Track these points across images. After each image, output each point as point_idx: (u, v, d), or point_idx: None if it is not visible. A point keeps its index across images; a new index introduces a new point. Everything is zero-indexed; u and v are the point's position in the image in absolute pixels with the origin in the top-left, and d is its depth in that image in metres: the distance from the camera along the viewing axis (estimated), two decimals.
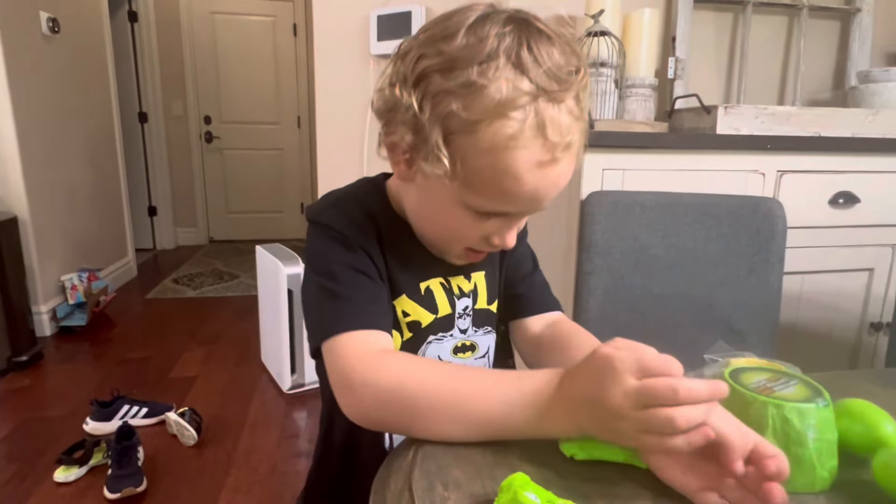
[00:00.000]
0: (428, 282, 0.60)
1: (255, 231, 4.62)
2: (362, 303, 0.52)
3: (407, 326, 0.59)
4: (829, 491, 0.40)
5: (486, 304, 0.64)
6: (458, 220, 0.51)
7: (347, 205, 0.59)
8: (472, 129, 0.45)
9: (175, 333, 2.61)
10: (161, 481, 1.52)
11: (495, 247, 0.54)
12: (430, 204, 0.54)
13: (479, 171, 0.47)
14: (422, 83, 0.47)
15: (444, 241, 0.56)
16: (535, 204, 0.50)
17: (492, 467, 0.41)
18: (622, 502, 0.38)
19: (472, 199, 0.49)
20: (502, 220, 0.52)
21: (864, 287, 1.51)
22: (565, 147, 0.46)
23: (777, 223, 1.20)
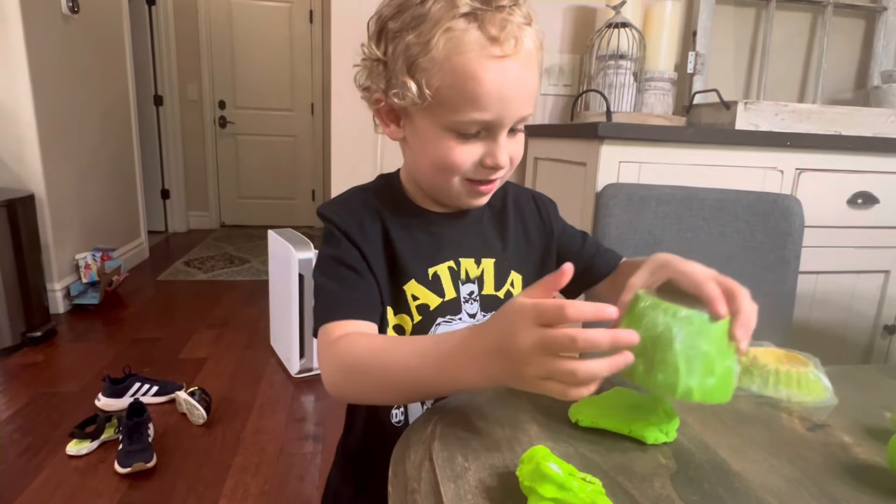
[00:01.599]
0: (436, 267, 0.62)
1: (266, 217, 4.64)
2: (341, 295, 0.57)
3: (416, 309, 0.61)
4: (846, 476, 0.40)
5: (493, 291, 0.65)
6: (448, 149, 0.55)
7: (353, 198, 0.64)
8: (427, 49, 0.51)
9: (185, 315, 2.64)
10: (170, 458, 1.54)
11: (490, 169, 0.56)
12: (423, 149, 0.57)
13: (443, 85, 0.51)
14: (382, 34, 0.55)
15: (445, 180, 0.58)
16: (505, 105, 0.52)
17: (511, 441, 0.41)
18: (640, 478, 0.38)
19: (448, 117, 0.53)
20: (486, 139, 0.55)
21: (880, 289, 1.49)
22: (514, 42, 0.50)
23: (794, 220, 1.19)
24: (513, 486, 0.35)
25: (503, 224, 0.68)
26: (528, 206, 0.72)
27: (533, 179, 1.73)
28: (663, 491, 0.36)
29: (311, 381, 2.03)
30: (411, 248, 0.62)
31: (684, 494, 0.36)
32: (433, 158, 0.56)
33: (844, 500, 0.37)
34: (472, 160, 0.55)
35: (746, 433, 0.45)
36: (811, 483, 0.39)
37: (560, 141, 1.52)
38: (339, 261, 0.58)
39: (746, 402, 0.51)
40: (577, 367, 0.37)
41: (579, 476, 0.34)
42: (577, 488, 0.32)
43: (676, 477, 0.38)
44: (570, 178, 1.45)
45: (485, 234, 0.67)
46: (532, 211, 0.71)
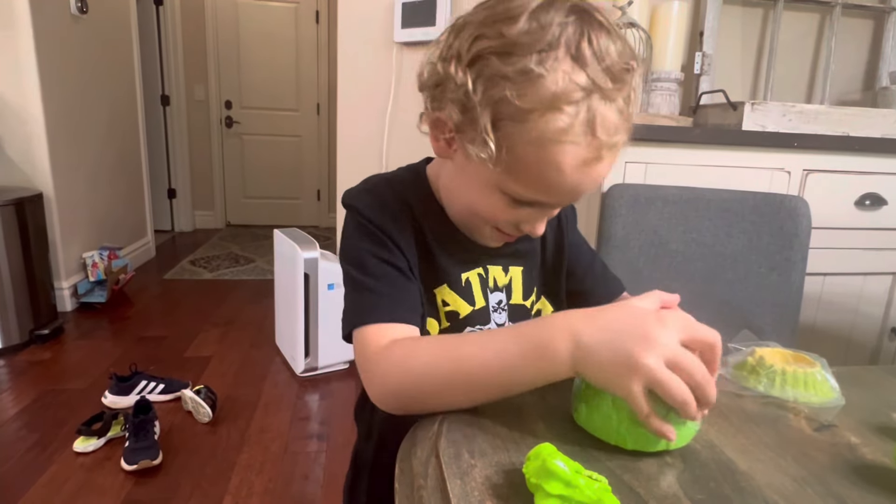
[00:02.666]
0: (468, 273, 0.60)
1: (271, 217, 4.66)
2: (387, 296, 0.53)
3: (445, 316, 0.59)
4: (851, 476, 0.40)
5: (521, 300, 0.63)
6: (493, 203, 0.51)
7: (382, 190, 0.59)
8: (524, 118, 0.44)
9: (191, 314, 2.65)
10: (176, 455, 1.55)
11: (523, 233, 0.54)
12: (466, 184, 0.54)
13: (523, 161, 0.46)
14: (477, 63, 0.46)
15: (475, 221, 0.56)
16: (572, 197, 0.50)
17: (517, 439, 0.41)
18: (647, 477, 0.38)
19: (511, 187, 0.49)
20: (536, 209, 0.52)
21: (887, 291, 1.49)
22: (612, 146, 0.46)
23: (801, 221, 1.18)
24: (519, 484, 0.35)
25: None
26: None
27: None
28: (670, 490, 0.36)
29: (315, 380, 2.04)
30: (446, 251, 0.58)
31: (691, 493, 0.36)
32: (473, 203, 0.53)
33: (851, 499, 0.37)
34: (511, 220, 0.53)
35: (753, 433, 0.45)
36: (817, 482, 0.39)
37: None
38: (380, 258, 0.54)
39: (753, 402, 0.51)
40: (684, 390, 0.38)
41: (585, 474, 0.34)
42: (584, 485, 0.32)
43: (682, 475, 0.38)
44: None
45: (516, 241, 0.63)
46: (552, 219, 0.69)
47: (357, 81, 1.97)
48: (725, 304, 1.21)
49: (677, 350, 0.39)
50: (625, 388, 0.39)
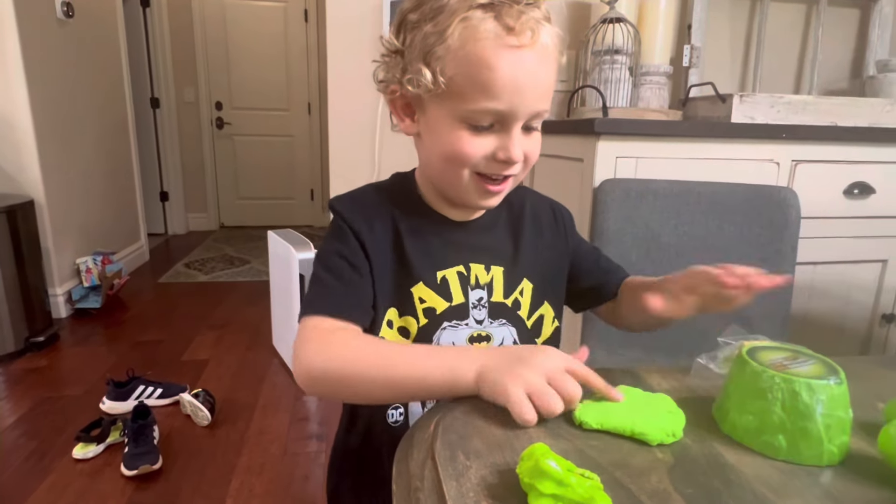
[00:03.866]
0: (445, 271, 0.62)
1: (265, 217, 4.65)
2: (337, 291, 0.57)
3: (423, 312, 0.61)
4: (837, 465, 0.41)
5: (501, 298, 0.64)
6: (459, 140, 0.55)
7: (366, 195, 0.64)
8: (443, 38, 0.52)
9: (187, 317, 2.65)
10: (176, 459, 1.55)
11: (503, 163, 0.56)
12: (435, 140, 0.57)
13: (457, 73, 0.52)
14: (402, 26, 0.56)
15: (455, 174, 0.57)
16: (519, 96, 0.52)
17: (511, 439, 0.42)
18: (638, 473, 0.39)
19: (463, 107, 0.53)
20: (500, 132, 0.55)
21: (877, 278, 1.50)
22: (530, 34, 0.51)
23: (791, 212, 1.20)
24: (514, 484, 0.36)
25: (518, 231, 0.68)
26: (545, 215, 0.71)
27: (532, 175, 1.74)
28: (660, 485, 0.37)
29: None
30: (421, 250, 0.61)
31: (680, 487, 0.37)
32: (444, 149, 0.56)
33: (836, 489, 0.38)
34: (483, 153, 0.55)
35: None
36: (804, 474, 0.40)
37: (557, 137, 1.52)
38: (342, 256, 0.58)
39: None
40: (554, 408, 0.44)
41: (578, 472, 0.35)
42: (576, 484, 0.33)
43: (673, 470, 0.39)
44: (568, 174, 1.46)
45: (498, 240, 0.66)
46: (549, 221, 0.71)
47: (347, 80, 1.97)
48: None
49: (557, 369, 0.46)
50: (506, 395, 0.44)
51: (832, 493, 0.37)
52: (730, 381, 0.46)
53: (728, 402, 0.45)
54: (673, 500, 0.35)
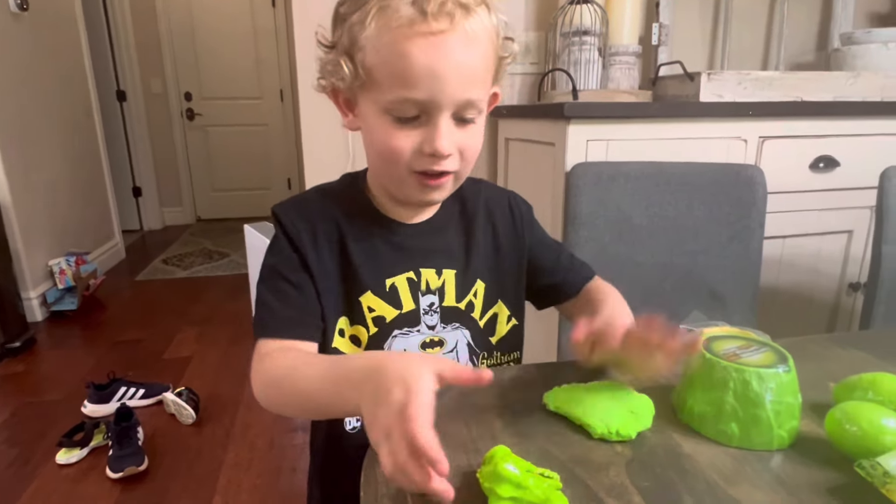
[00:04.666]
0: (394, 278, 0.61)
1: (242, 209, 4.59)
2: (279, 312, 0.56)
3: (372, 321, 0.60)
4: (787, 449, 0.43)
5: (454, 302, 0.63)
6: (386, 134, 0.53)
7: (311, 200, 0.62)
8: (363, 28, 0.51)
9: (167, 314, 2.62)
10: (162, 460, 1.55)
11: (429, 155, 0.53)
12: (368, 136, 0.56)
13: (375, 62, 0.51)
14: (335, 20, 0.55)
15: (392, 171, 0.56)
16: (438, 85, 0.50)
17: (475, 440, 0.43)
18: (596, 468, 0.40)
19: (383, 97, 0.52)
20: (426, 124, 0.52)
21: (843, 249, 1.54)
22: (449, 20, 0.49)
23: (757, 190, 1.22)
24: (476, 487, 0.37)
25: (471, 230, 0.65)
26: (500, 210, 0.68)
27: (505, 161, 1.74)
28: (617, 479, 0.38)
29: None
30: (369, 258, 0.60)
31: (637, 481, 0.38)
32: (376, 146, 0.55)
33: (785, 473, 0.40)
34: (410, 147, 0.53)
35: None
36: (755, 459, 0.41)
37: (528, 121, 1.52)
38: (278, 273, 0.58)
39: None
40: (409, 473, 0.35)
41: (537, 472, 0.36)
42: (533, 485, 0.34)
43: (631, 464, 0.40)
44: (540, 158, 1.46)
45: (450, 242, 0.64)
46: (505, 217, 0.68)
47: (315, 66, 1.92)
48: (689, 275, 1.25)
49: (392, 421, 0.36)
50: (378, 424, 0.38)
51: (781, 477, 0.39)
52: (687, 371, 0.48)
53: (685, 391, 0.47)
54: (629, 493, 0.37)
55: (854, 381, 0.48)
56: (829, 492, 0.38)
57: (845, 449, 0.41)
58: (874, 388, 0.46)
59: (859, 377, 0.48)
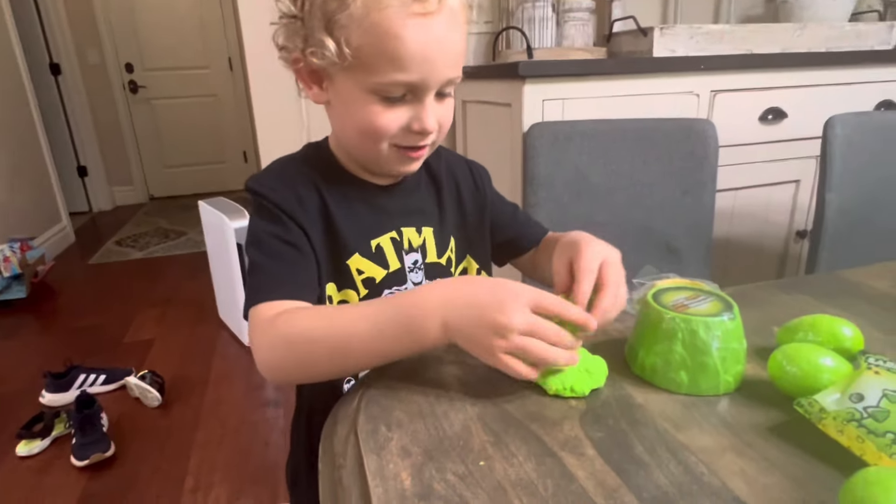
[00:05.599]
0: (378, 239, 0.61)
1: (196, 185, 4.43)
2: (278, 274, 0.54)
3: (362, 283, 0.60)
4: (733, 393, 0.45)
5: (436, 258, 0.65)
6: (372, 114, 0.52)
7: (284, 170, 0.61)
8: (344, 5, 0.48)
9: (125, 298, 2.54)
10: (129, 444, 1.52)
11: (418, 134, 0.54)
12: (347, 113, 0.55)
13: (363, 43, 0.49)
14: None
15: (372, 147, 0.56)
16: (430, 66, 0.50)
17: (433, 404, 0.43)
18: (551, 423, 0.41)
19: (372, 80, 0.51)
20: (413, 102, 0.53)
21: (791, 198, 1.60)
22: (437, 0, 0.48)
23: (709, 143, 1.24)
24: (433, 449, 0.37)
25: (439, 190, 0.68)
26: (461, 171, 0.71)
27: (462, 123, 1.72)
28: (571, 432, 0.39)
29: None
30: (352, 220, 0.60)
31: (591, 433, 0.39)
32: (358, 124, 0.54)
33: (730, 415, 0.42)
34: (398, 125, 0.53)
35: None
36: (703, 404, 0.43)
37: (484, 82, 1.50)
38: (275, 236, 0.55)
39: None
40: (549, 353, 0.42)
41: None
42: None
43: (584, 417, 0.41)
44: (496, 119, 1.45)
45: (423, 201, 0.66)
46: (466, 178, 0.71)
47: (263, 32, 1.83)
48: (646, 230, 1.28)
49: (529, 319, 0.42)
50: (493, 360, 0.43)
51: (726, 419, 0.41)
52: (638, 324, 0.49)
53: (637, 343, 0.48)
54: (583, 445, 0.38)
55: (796, 324, 0.50)
56: (769, 430, 0.40)
57: (786, 389, 0.43)
58: (814, 330, 0.48)
59: (800, 320, 0.50)
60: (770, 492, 0.34)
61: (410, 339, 0.45)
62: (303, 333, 0.47)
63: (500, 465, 0.36)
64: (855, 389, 0.38)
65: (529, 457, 0.37)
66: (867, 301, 0.61)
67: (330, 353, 0.47)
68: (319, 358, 0.47)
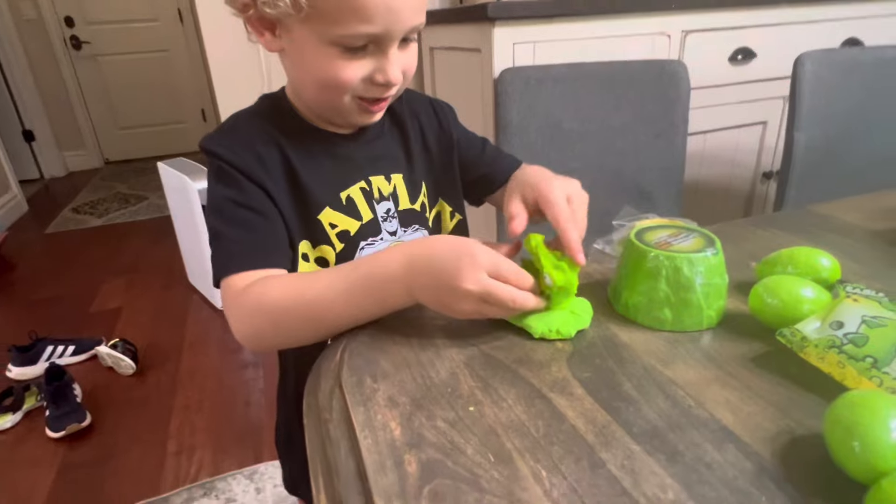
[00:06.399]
0: (348, 190, 0.59)
1: (154, 147, 4.24)
2: (245, 242, 0.52)
3: (337, 238, 0.58)
4: (716, 327, 0.45)
5: (409, 204, 0.63)
6: (333, 66, 0.50)
7: (241, 127, 0.57)
8: None
9: (87, 267, 2.45)
10: (106, 413, 1.50)
11: (382, 86, 0.52)
12: (305, 64, 0.52)
13: None
14: None
15: (332, 99, 0.53)
16: (394, 16, 0.48)
17: (418, 354, 0.42)
18: (539, 366, 0.41)
19: (333, 30, 0.48)
20: (375, 53, 0.50)
21: (759, 140, 1.62)
22: None
23: (681, 85, 1.23)
24: (422, 398, 0.37)
25: (404, 134, 0.65)
26: (425, 113, 0.68)
27: (430, 72, 1.66)
28: (559, 374, 0.39)
29: None
30: (318, 174, 0.58)
31: (578, 373, 0.39)
32: (317, 76, 0.51)
33: (714, 350, 0.42)
34: (360, 76, 0.51)
35: None
36: (687, 340, 0.43)
37: (452, 27, 1.44)
38: (238, 203, 0.53)
39: None
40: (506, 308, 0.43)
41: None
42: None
43: (572, 358, 0.41)
44: (466, 66, 1.40)
45: (389, 148, 0.64)
46: (430, 118, 0.68)
47: None
48: (618, 174, 1.28)
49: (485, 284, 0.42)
50: (462, 312, 0.44)
51: (710, 353, 0.41)
52: (621, 264, 0.49)
53: (620, 283, 0.48)
54: (572, 386, 0.38)
55: (774, 258, 0.51)
56: (753, 361, 0.40)
57: (768, 321, 0.44)
58: (792, 262, 0.49)
59: (778, 253, 0.51)
60: (755, 419, 0.35)
61: (378, 304, 0.46)
62: (276, 303, 0.47)
63: (490, 409, 0.36)
64: (835, 318, 0.39)
65: (519, 399, 0.37)
66: (839, 233, 0.63)
67: (304, 321, 0.47)
68: (294, 326, 0.48)
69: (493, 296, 0.42)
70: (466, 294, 0.42)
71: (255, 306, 0.48)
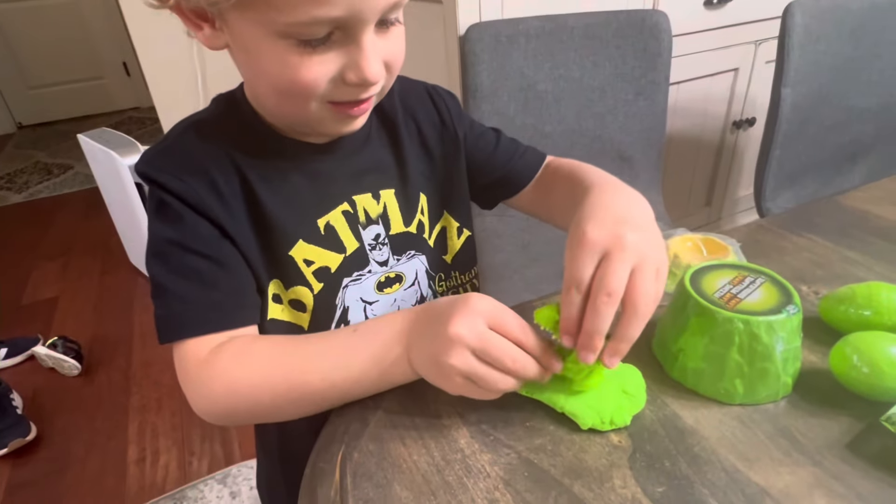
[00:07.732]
0: (327, 216, 0.48)
1: (74, 107, 3.83)
2: (199, 301, 0.43)
3: (314, 276, 0.48)
4: (791, 395, 0.39)
5: (403, 227, 0.52)
6: (288, 66, 0.38)
7: (189, 145, 0.45)
8: None
9: (12, 251, 2.21)
10: (53, 422, 1.38)
11: (355, 85, 0.40)
12: (255, 65, 0.40)
13: None
14: None
15: (297, 107, 0.41)
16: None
17: (440, 466, 0.34)
18: (597, 479, 0.33)
19: (277, 17, 0.35)
20: (344, 44, 0.38)
21: (730, 88, 1.56)
22: None
23: (663, 38, 1.14)
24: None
25: (396, 139, 0.52)
26: (421, 105, 0.55)
27: None
28: (625, 491, 0.31)
29: None
30: (289, 199, 0.46)
31: (648, 486, 0.31)
32: (272, 79, 0.39)
33: (799, 431, 0.35)
34: (328, 76, 0.39)
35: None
36: (763, 418, 0.36)
37: None
38: (185, 247, 0.42)
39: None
40: (498, 380, 0.36)
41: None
42: None
43: (635, 462, 0.33)
44: (427, 22, 1.26)
45: (377, 158, 0.51)
46: (429, 112, 0.55)
47: None
48: (597, 139, 1.20)
49: (480, 332, 0.35)
50: (449, 385, 0.37)
51: (797, 439, 0.35)
52: (672, 314, 0.40)
53: (672, 339, 0.40)
54: None
55: (844, 295, 0.43)
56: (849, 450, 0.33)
57: (853, 387, 0.37)
58: (871, 306, 0.40)
59: (850, 289, 0.43)
60: None
61: (379, 378, 0.39)
62: (254, 381, 0.40)
63: None
64: None
65: None
66: (885, 238, 0.55)
67: (290, 401, 0.40)
68: (278, 404, 0.40)
69: (487, 351, 0.35)
70: (456, 340, 0.34)
71: (227, 386, 0.40)
